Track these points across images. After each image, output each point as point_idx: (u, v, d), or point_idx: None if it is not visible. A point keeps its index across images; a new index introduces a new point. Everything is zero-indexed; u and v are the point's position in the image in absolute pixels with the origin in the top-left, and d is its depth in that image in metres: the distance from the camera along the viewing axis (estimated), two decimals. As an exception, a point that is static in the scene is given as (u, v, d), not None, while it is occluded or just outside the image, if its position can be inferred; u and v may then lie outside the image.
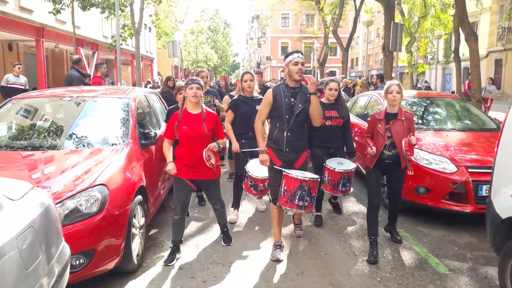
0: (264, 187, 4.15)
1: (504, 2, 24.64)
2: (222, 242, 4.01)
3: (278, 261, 3.69)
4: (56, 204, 2.71)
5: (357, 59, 49.81)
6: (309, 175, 3.58)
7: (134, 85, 18.76)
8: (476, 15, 27.21)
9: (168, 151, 3.61)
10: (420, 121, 5.52)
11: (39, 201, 2.15)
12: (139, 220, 3.50)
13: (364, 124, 5.74)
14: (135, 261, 3.34)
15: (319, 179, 3.64)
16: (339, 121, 4.48)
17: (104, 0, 13.42)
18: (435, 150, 4.66)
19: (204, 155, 3.45)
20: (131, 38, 15.13)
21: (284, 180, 3.55)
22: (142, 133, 4.01)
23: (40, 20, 14.69)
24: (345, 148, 4.59)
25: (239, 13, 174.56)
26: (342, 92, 7.85)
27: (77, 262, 2.76)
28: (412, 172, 3.97)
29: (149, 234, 4.19)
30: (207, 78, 6.04)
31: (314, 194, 3.59)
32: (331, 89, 4.44)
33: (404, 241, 4.13)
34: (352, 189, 4.37)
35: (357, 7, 21.22)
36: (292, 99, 3.59)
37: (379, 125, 3.78)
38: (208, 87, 5.99)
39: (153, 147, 4.16)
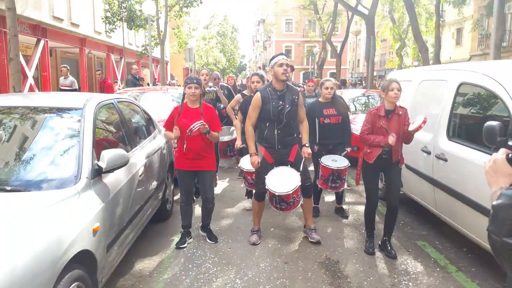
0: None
1: (484, 11, 27.40)
2: (208, 240, 4.08)
3: (254, 244, 4.00)
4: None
5: (359, 60, 52.56)
6: (282, 188, 3.75)
7: (154, 84, 21.81)
8: (461, 22, 30.01)
9: (169, 133, 3.92)
10: (362, 108, 8.60)
11: (164, 138, 5.26)
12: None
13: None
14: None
15: (290, 192, 3.74)
16: (337, 118, 4.65)
17: (145, 24, 16.64)
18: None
19: (193, 126, 3.60)
20: (157, 47, 18.26)
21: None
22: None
23: (83, 32, 17.92)
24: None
25: (246, 16, 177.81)
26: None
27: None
28: (403, 165, 3.88)
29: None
30: (208, 76, 6.06)
31: (290, 200, 3.81)
32: (327, 88, 4.63)
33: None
34: (345, 186, 4.62)
35: (350, 17, 24.31)
36: (280, 102, 3.77)
37: (383, 122, 3.72)
38: (209, 87, 6.05)
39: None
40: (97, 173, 2.69)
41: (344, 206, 5.18)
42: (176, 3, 18.73)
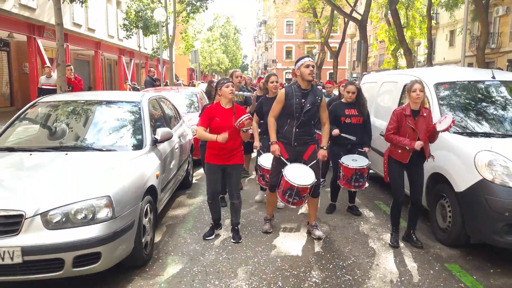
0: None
1: (474, 14, 28.73)
2: (232, 240, 4.15)
3: (267, 232, 4.29)
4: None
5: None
6: (301, 180, 3.88)
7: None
8: (453, 24, 31.37)
9: (206, 132, 3.92)
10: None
11: (188, 127, 6.79)
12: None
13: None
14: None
15: (310, 186, 3.90)
16: (358, 118, 4.80)
17: (157, 30, 18.33)
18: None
19: (237, 122, 3.74)
20: (166, 50, 19.83)
21: (281, 177, 4.01)
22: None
23: (98, 36, 19.50)
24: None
25: (248, 16, 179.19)
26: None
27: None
28: (432, 159, 3.92)
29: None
30: (241, 78, 6.23)
31: (305, 194, 3.96)
32: (348, 92, 4.77)
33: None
34: (367, 185, 4.73)
35: (345, 21, 25.84)
36: (303, 100, 3.97)
37: (409, 121, 3.79)
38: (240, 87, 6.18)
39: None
40: (154, 142, 4.22)
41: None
42: (183, 9, 20.29)
